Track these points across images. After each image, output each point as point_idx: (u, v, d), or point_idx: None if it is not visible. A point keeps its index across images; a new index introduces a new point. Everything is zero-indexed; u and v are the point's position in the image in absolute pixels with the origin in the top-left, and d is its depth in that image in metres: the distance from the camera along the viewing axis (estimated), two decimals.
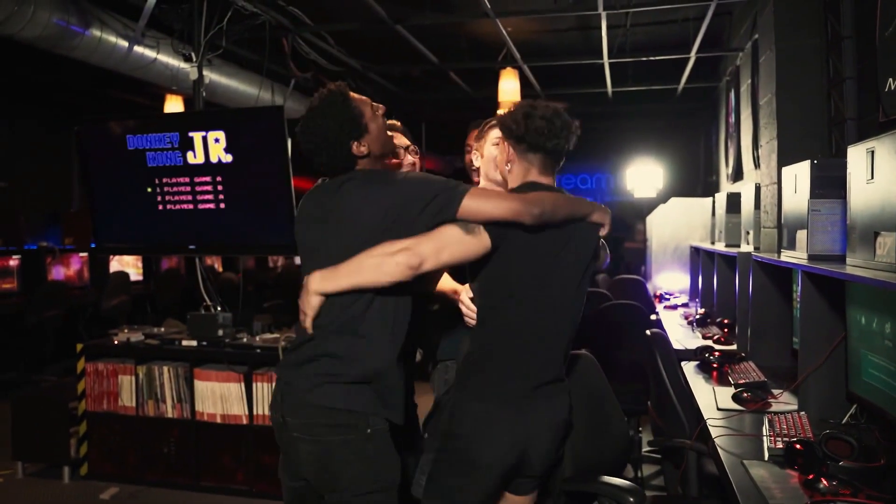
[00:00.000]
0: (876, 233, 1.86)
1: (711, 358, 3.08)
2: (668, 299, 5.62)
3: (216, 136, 3.72)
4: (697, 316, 4.32)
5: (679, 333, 4.03)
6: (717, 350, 3.19)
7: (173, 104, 6.53)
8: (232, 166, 3.73)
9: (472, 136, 2.78)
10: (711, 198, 5.31)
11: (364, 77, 7.50)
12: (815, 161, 2.41)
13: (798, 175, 2.55)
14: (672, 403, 2.77)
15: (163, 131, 3.81)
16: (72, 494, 3.91)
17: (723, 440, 2.07)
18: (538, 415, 1.93)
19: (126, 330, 4.24)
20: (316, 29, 5.88)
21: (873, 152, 1.89)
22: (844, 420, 2.18)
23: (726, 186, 6.70)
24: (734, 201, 4.21)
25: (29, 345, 6.46)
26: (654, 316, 4.77)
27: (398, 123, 2.50)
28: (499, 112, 2.07)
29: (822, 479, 1.65)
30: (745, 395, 2.47)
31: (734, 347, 3.42)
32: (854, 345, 2.16)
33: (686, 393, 2.77)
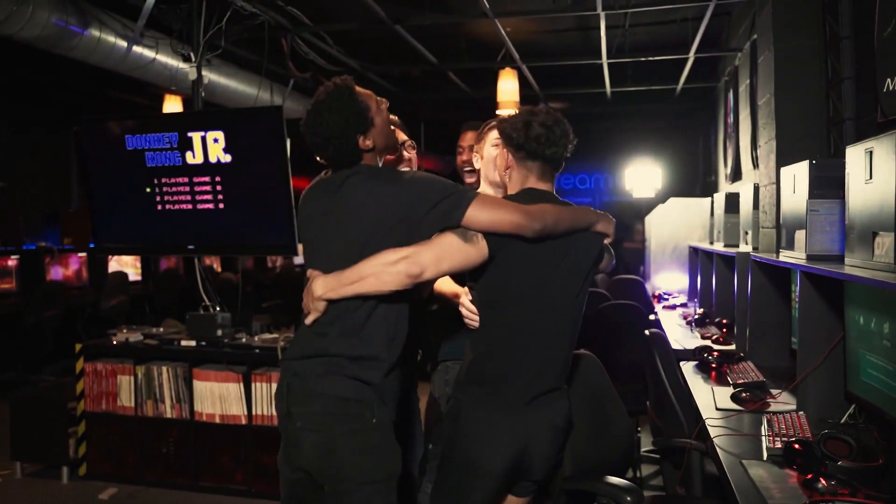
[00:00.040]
0: (874, 233, 1.86)
1: (710, 358, 3.08)
2: (667, 299, 5.63)
3: (215, 136, 3.72)
4: (696, 316, 4.33)
5: (678, 333, 4.03)
6: (716, 350, 3.20)
7: (172, 104, 6.53)
8: (231, 166, 3.72)
9: (464, 138, 2.78)
10: (710, 198, 5.31)
11: (363, 77, 7.50)
12: (814, 161, 2.41)
13: (797, 175, 2.56)
14: (671, 403, 2.77)
15: (162, 131, 3.81)
16: (70, 495, 3.90)
17: (721, 440, 2.07)
18: (538, 420, 1.95)
19: (125, 330, 4.24)
20: (315, 29, 5.88)
21: (872, 152, 1.89)
22: (843, 420, 2.19)
23: (725, 186, 6.70)
24: (733, 201, 4.21)
25: (28, 345, 6.45)
26: (653, 316, 4.77)
27: (396, 118, 2.51)
28: (498, 113, 2.08)
29: (821, 479, 1.65)
30: (744, 395, 2.47)
31: (733, 347, 3.42)
32: (852, 345, 2.16)
33: (685, 393, 2.77)
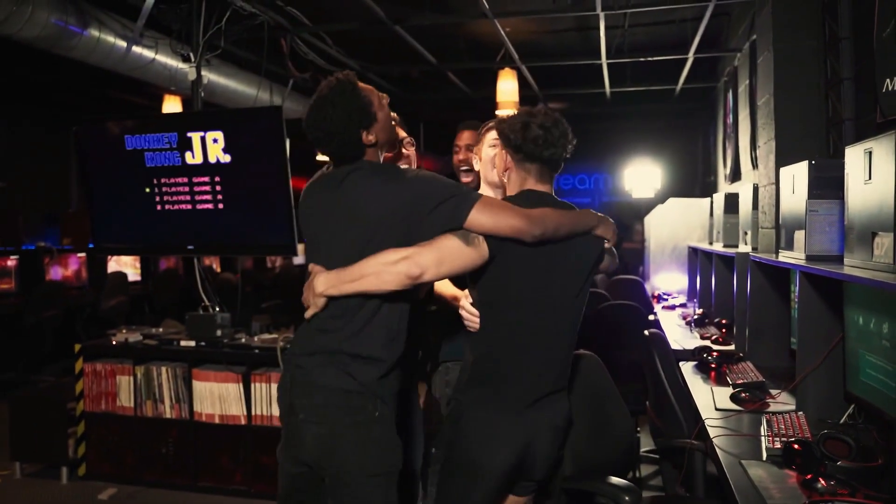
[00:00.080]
0: (873, 233, 1.86)
1: (709, 358, 3.08)
2: (667, 300, 5.63)
3: (214, 137, 3.72)
4: (695, 316, 4.33)
5: (677, 334, 4.03)
6: (716, 350, 3.20)
7: (171, 104, 6.53)
8: (230, 166, 3.72)
9: (461, 137, 2.79)
10: (709, 198, 5.31)
11: (363, 77, 7.38)
12: (813, 161, 2.42)
13: (796, 175, 2.56)
14: (670, 404, 2.77)
15: (161, 131, 3.81)
16: (70, 495, 3.90)
17: (721, 440, 2.07)
18: (539, 420, 1.95)
19: (124, 330, 4.24)
20: (314, 29, 5.88)
21: (871, 153, 1.90)
22: (842, 420, 2.19)
23: (724, 187, 6.70)
24: (732, 202, 4.21)
25: (27, 345, 6.44)
26: (653, 316, 4.77)
27: (395, 115, 2.51)
28: (497, 113, 2.08)
29: (820, 479, 1.65)
30: (744, 396, 2.47)
31: (732, 348, 3.42)
32: (852, 345, 2.17)
33: (684, 393, 2.77)
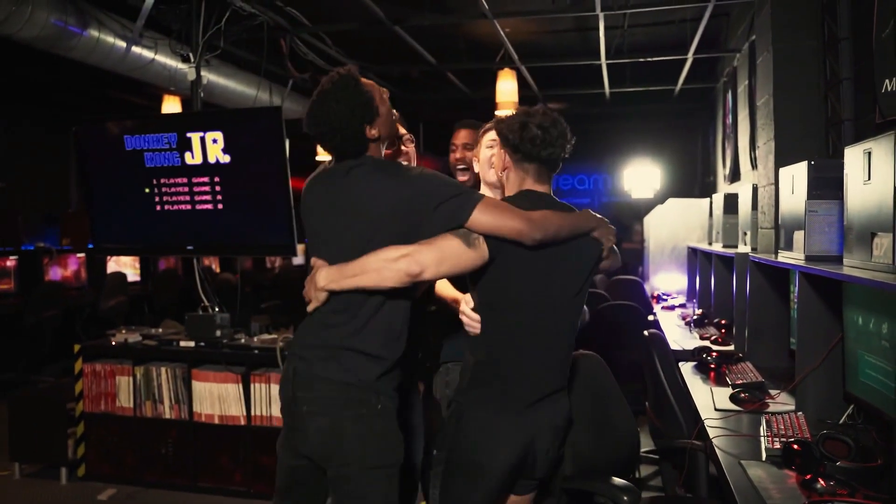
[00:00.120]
0: (873, 233, 1.86)
1: (709, 358, 3.09)
2: (666, 300, 5.63)
3: (214, 137, 3.71)
4: (695, 316, 4.33)
5: (676, 334, 4.04)
6: (715, 350, 3.20)
7: (171, 105, 6.52)
8: (230, 167, 3.72)
9: (458, 136, 2.79)
10: (709, 198, 5.32)
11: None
12: (813, 162, 2.42)
13: (795, 176, 2.56)
14: (670, 404, 2.78)
15: (161, 132, 3.81)
16: (69, 495, 3.90)
17: (720, 440, 2.07)
18: (541, 420, 1.96)
19: (124, 331, 4.24)
20: (314, 29, 5.89)
21: (870, 153, 1.90)
22: (841, 420, 2.19)
23: (724, 187, 6.71)
24: (731, 202, 4.22)
25: (26, 345, 6.44)
26: (652, 316, 4.78)
27: (395, 112, 2.52)
28: (496, 114, 2.08)
29: (820, 480, 1.66)
30: (743, 396, 2.47)
31: (732, 348, 3.43)
32: (851, 345, 2.17)
33: (684, 393, 2.78)
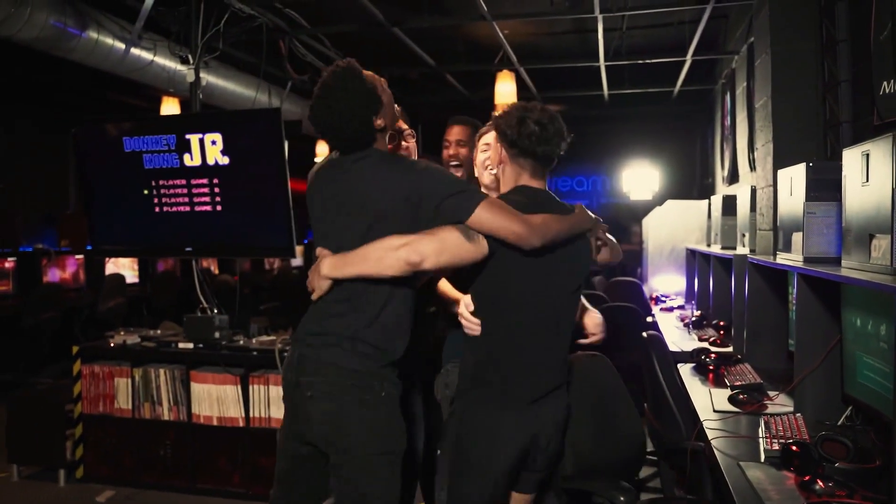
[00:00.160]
0: (871, 235, 1.86)
1: (707, 360, 3.09)
2: (665, 301, 5.63)
3: (213, 139, 3.71)
4: (693, 318, 4.33)
5: (675, 335, 4.04)
6: (713, 352, 3.20)
7: (170, 106, 6.53)
8: (229, 168, 3.72)
9: (451, 132, 2.81)
10: (707, 200, 5.32)
11: None
12: (811, 164, 2.42)
13: (794, 178, 2.56)
14: (668, 405, 2.78)
15: (159, 133, 3.81)
16: (67, 497, 3.89)
17: (719, 442, 2.07)
18: (543, 416, 1.99)
19: (122, 332, 4.24)
20: (313, 31, 5.89)
21: (868, 155, 1.90)
22: (840, 422, 2.19)
23: (722, 189, 6.71)
24: (730, 204, 4.22)
25: (25, 347, 6.43)
26: (651, 318, 4.78)
27: (398, 107, 2.52)
28: (494, 114, 2.08)
29: (818, 481, 1.66)
30: (742, 397, 2.48)
31: (730, 349, 3.43)
32: (849, 347, 2.17)
33: (682, 395, 2.77)
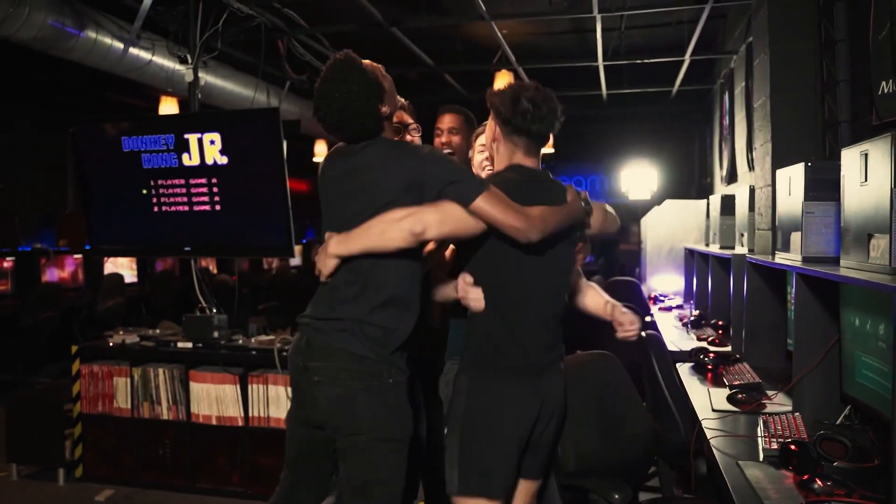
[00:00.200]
0: (870, 235, 1.87)
1: (706, 359, 3.09)
2: (663, 301, 5.63)
3: (212, 138, 3.71)
4: (692, 318, 4.33)
5: (674, 335, 4.04)
6: (712, 351, 3.20)
7: (168, 106, 6.52)
8: (227, 168, 3.72)
9: (442, 120, 2.82)
10: (706, 200, 5.33)
11: None
12: (810, 164, 2.43)
13: (792, 177, 2.57)
14: (667, 405, 2.78)
15: (158, 133, 3.80)
16: (67, 497, 3.89)
17: (718, 441, 2.08)
18: (546, 387, 2.02)
19: (121, 332, 4.24)
20: (311, 31, 5.88)
21: (867, 155, 1.90)
22: (838, 421, 2.19)
23: (720, 188, 6.72)
24: (728, 203, 4.22)
25: (24, 347, 6.43)
26: (649, 318, 4.78)
27: (405, 101, 2.53)
28: (489, 91, 2.08)
29: (817, 480, 1.66)
30: (740, 397, 2.48)
31: (729, 349, 3.43)
32: (848, 346, 2.17)
33: (681, 394, 2.78)
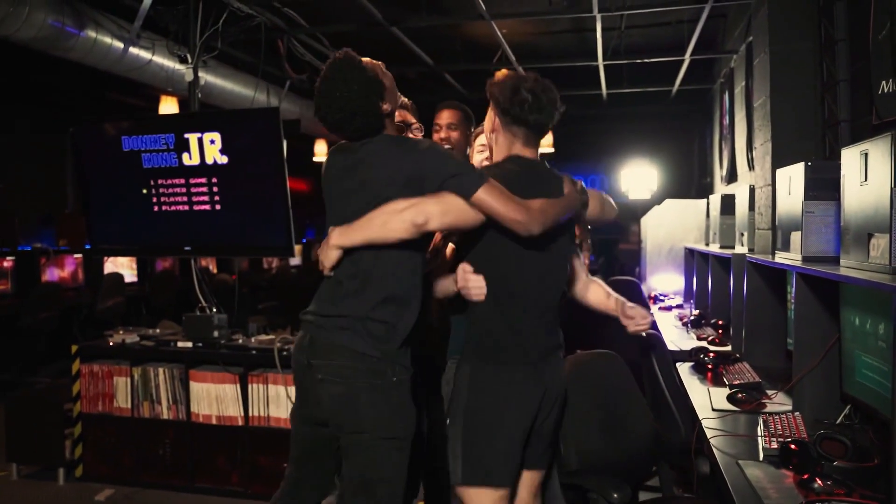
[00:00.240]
0: (869, 234, 1.87)
1: (706, 359, 3.09)
2: (663, 300, 5.63)
3: (212, 138, 3.71)
4: (692, 317, 4.33)
5: (674, 335, 4.04)
6: (712, 351, 3.20)
7: (168, 106, 6.52)
8: (227, 168, 3.72)
9: (441, 116, 2.82)
10: (706, 199, 5.33)
11: None
12: (810, 163, 2.43)
13: (792, 177, 2.57)
14: (667, 404, 2.78)
15: (158, 133, 3.80)
16: (67, 496, 3.89)
17: (718, 441, 2.08)
18: (548, 375, 2.03)
19: (121, 331, 4.24)
20: (311, 31, 5.88)
21: (867, 154, 1.90)
22: (838, 420, 2.20)
23: (720, 188, 6.72)
24: (728, 203, 4.22)
25: (23, 346, 6.43)
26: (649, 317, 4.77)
27: (408, 101, 2.52)
28: (489, 81, 2.08)
29: (817, 479, 1.66)
30: (740, 396, 2.48)
31: (729, 348, 3.43)
32: (848, 346, 2.17)
33: (681, 394, 2.78)
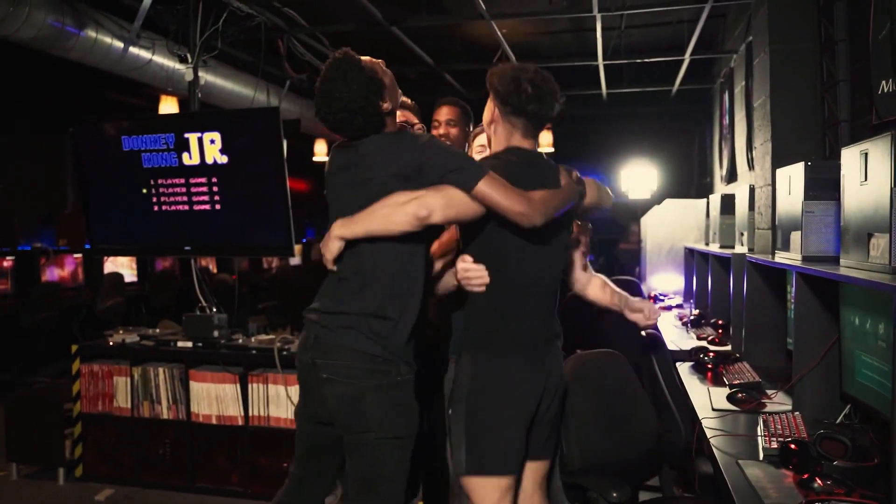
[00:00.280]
0: (869, 234, 1.87)
1: (706, 359, 3.09)
2: (663, 300, 5.63)
3: (212, 138, 3.71)
4: (692, 317, 4.33)
5: (674, 334, 4.04)
6: (712, 351, 3.20)
7: (168, 105, 6.51)
8: (227, 167, 3.72)
9: (439, 112, 2.82)
10: (706, 199, 5.33)
11: None
12: (809, 163, 2.43)
13: (792, 177, 2.57)
14: (667, 404, 2.78)
15: (158, 132, 3.80)
16: (67, 496, 3.90)
17: (718, 440, 2.08)
18: (548, 363, 2.04)
19: (121, 331, 4.24)
20: (311, 30, 5.88)
21: (867, 154, 1.91)
22: (838, 420, 2.20)
23: (720, 188, 6.72)
24: (728, 203, 4.22)
25: (23, 346, 6.43)
26: None
27: (410, 101, 2.52)
28: (489, 72, 2.08)
29: (817, 479, 1.66)
30: (740, 396, 2.48)
31: (728, 348, 3.43)
32: (848, 345, 2.17)
33: (681, 394, 2.78)
